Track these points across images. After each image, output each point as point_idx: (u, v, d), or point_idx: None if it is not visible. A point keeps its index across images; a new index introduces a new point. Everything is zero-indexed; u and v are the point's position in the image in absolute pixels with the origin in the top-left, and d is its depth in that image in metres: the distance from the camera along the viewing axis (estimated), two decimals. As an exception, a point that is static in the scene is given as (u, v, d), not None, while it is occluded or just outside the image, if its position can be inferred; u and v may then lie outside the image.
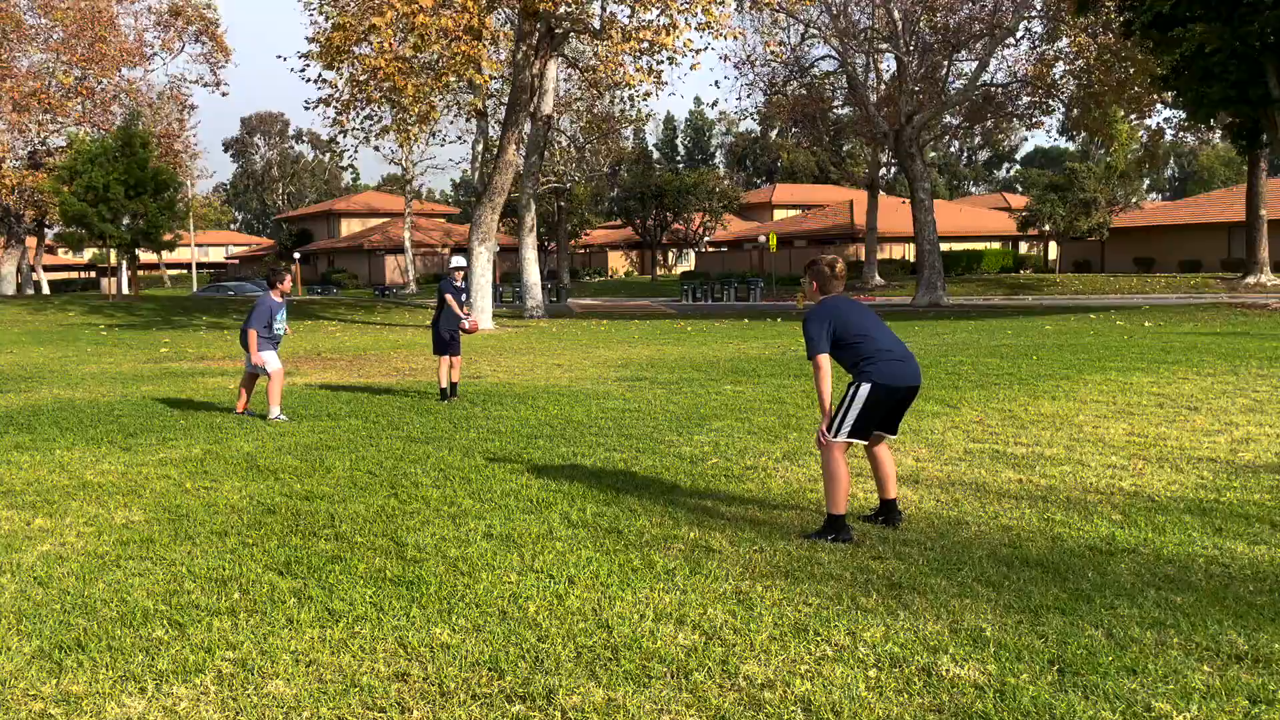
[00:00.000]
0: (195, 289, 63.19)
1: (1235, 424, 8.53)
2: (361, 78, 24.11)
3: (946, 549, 5.15)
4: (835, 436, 5.46)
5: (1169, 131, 44.07)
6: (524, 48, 25.16)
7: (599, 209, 65.98)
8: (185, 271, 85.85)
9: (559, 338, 22.54)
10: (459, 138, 62.09)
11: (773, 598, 4.45)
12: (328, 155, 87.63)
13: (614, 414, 9.96)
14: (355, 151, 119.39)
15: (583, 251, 75.90)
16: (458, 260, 11.79)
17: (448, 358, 11.37)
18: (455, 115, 36.08)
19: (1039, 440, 8.05)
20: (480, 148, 31.36)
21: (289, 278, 10.36)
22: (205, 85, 47.11)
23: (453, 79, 23.45)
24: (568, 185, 50.57)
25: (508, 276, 56.38)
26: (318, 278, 69.29)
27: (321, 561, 5.11)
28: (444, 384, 11.36)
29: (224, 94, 54.81)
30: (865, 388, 5.43)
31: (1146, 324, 21.54)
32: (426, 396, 11.69)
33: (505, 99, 29.98)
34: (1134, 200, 53.37)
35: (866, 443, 5.61)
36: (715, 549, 5.22)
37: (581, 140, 47.53)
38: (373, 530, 5.71)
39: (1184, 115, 30.69)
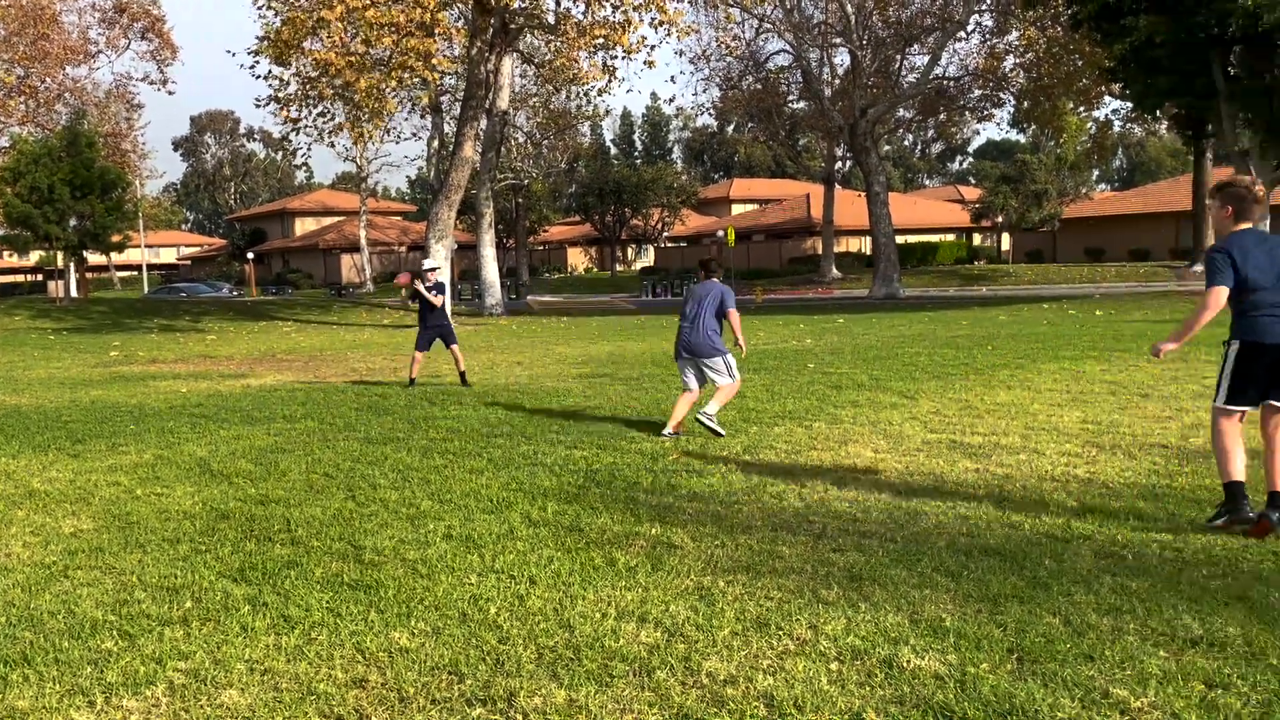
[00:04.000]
0: (146, 291, 62.08)
1: (1185, 410, 8.68)
2: (313, 74, 23.77)
3: (906, 540, 5.17)
4: (1216, 400, 5.18)
5: (1117, 123, 44.89)
6: (478, 43, 24.97)
7: (557, 205, 65.78)
8: (136, 273, 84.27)
9: (518, 335, 22.43)
10: (414, 134, 61.38)
11: (734, 593, 4.44)
12: (280, 154, 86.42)
13: (575, 411, 9.91)
14: (308, 149, 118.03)
15: (541, 248, 75.65)
16: (430, 261, 12.82)
17: (423, 354, 12.40)
18: (410, 112, 35.77)
19: (995, 430, 8.13)
20: (436, 144, 31.14)
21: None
22: (152, 83, 46.25)
23: (405, 75, 23.21)
24: (525, 182, 50.35)
25: (466, 274, 56.01)
26: (272, 278, 68.39)
27: (277, 567, 5.02)
28: (414, 375, 12.34)
29: (170, 92, 53.87)
30: (1234, 346, 5.06)
31: (1098, 313, 21.88)
32: (384, 397, 11.56)
33: (460, 95, 29.73)
34: (1084, 191, 54.28)
35: (1256, 409, 5.12)
36: (677, 545, 5.20)
37: (538, 136, 47.31)
38: (329, 534, 5.62)
39: (1131, 106, 31.25)
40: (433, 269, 12.76)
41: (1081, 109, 38.54)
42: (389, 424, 9.46)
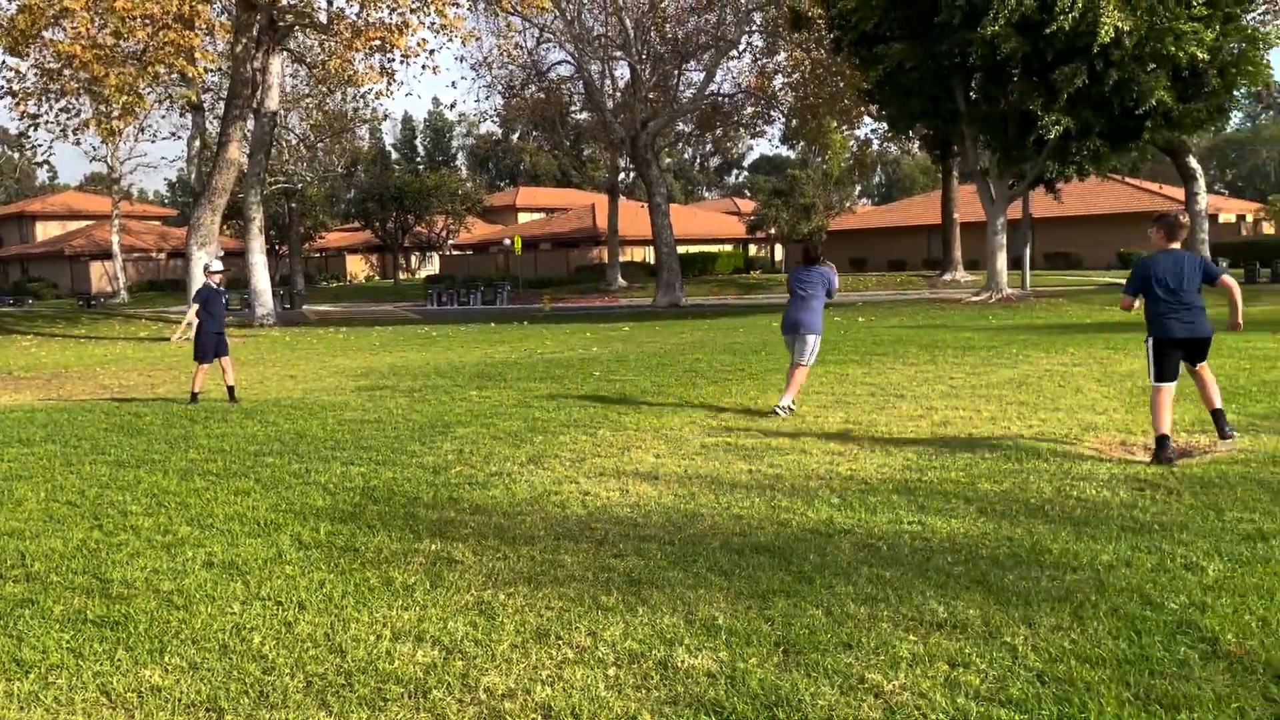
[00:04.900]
0: None
1: (935, 409, 9.40)
2: (54, 65, 21.78)
3: (683, 542, 5.31)
4: (1150, 380, 7.00)
5: (875, 142, 48.13)
6: (243, 39, 23.69)
7: (335, 211, 63.34)
8: None
9: (292, 347, 21.42)
10: (173, 134, 57.35)
11: (515, 605, 4.41)
12: (17, 152, 78.63)
13: (352, 425, 9.56)
14: (50, 147, 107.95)
15: (318, 255, 72.65)
16: (216, 264, 12.34)
17: (208, 365, 11.71)
18: (167, 109, 33.45)
19: (767, 431, 8.50)
20: (197, 145, 29.28)
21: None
22: None
23: (161, 70, 21.67)
24: (299, 186, 48.21)
25: (234, 283, 53.06)
26: (9, 287, 62.02)
27: (9, 606, 4.55)
28: (197, 389, 11.73)
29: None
30: (1150, 341, 6.94)
31: (860, 319, 23.39)
32: (139, 416, 10.72)
33: (225, 93, 28.10)
34: (847, 205, 57.85)
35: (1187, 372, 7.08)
36: (457, 560, 5.11)
37: (313, 139, 45.44)
38: (71, 567, 5.14)
39: (887, 127, 33.58)
40: (219, 271, 12.24)
41: (844, 128, 41.06)
42: (143, 445, 8.77)
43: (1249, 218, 53.47)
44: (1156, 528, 5.25)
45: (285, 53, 27.54)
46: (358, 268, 74.56)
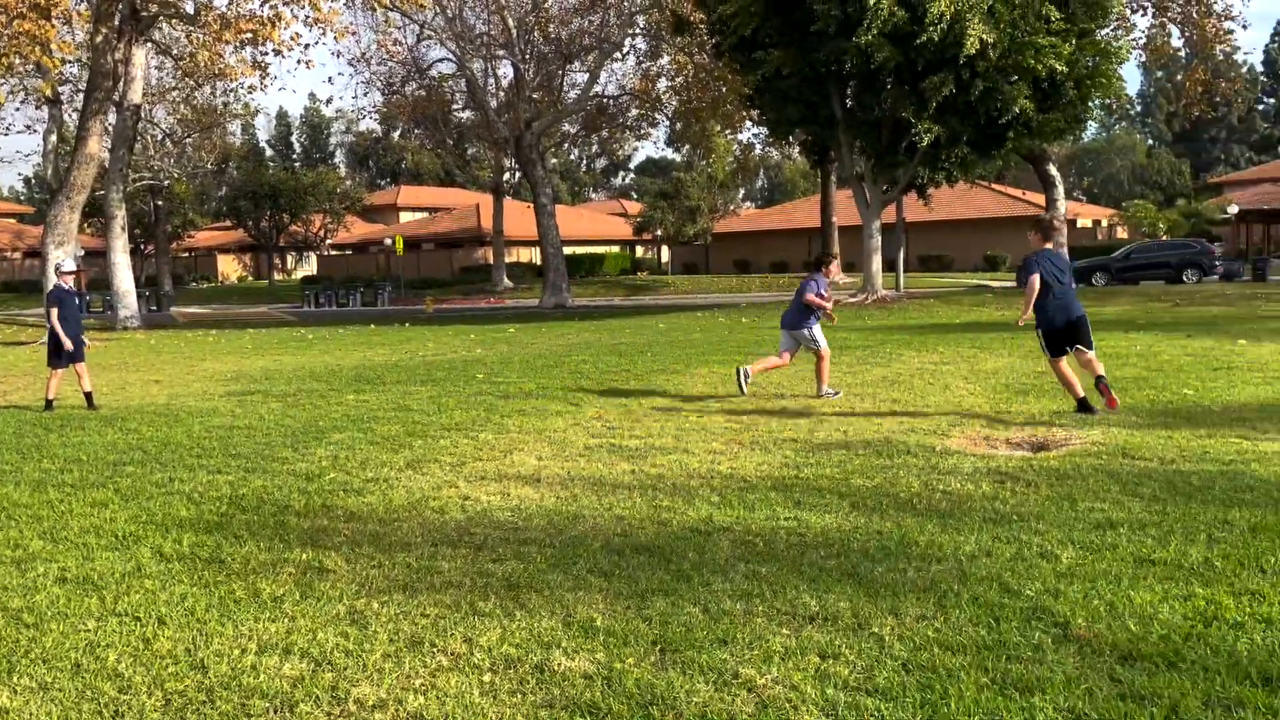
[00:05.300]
0: None
1: (813, 407, 9.62)
2: (-107, 52, 20.31)
3: (564, 544, 5.29)
4: (1048, 356, 8.52)
5: (758, 146, 49.03)
6: (104, 29, 22.55)
7: (205, 209, 60.90)
8: None
9: (158, 351, 20.51)
10: (28, 127, 54.17)
11: (389, 614, 4.32)
12: None
13: (220, 432, 9.21)
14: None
15: (187, 255, 69.82)
16: (68, 264, 11.64)
17: (63, 370, 11.12)
18: (22, 102, 31.58)
19: (651, 432, 8.55)
20: (54, 139, 27.72)
21: None
22: None
23: (15, 61, 20.43)
24: (166, 182, 46.19)
25: (96, 283, 50.53)
26: None
27: None
28: (52, 395, 11.16)
29: None
30: (1040, 331, 8.44)
31: (744, 320, 23.78)
32: (-12, 424, 10.09)
33: (84, 85, 26.70)
34: (731, 208, 58.76)
35: (1073, 354, 8.42)
36: (330, 569, 4.97)
37: (180, 134, 43.62)
38: (-94, 589, 4.79)
39: (767, 132, 34.22)
40: (72, 272, 11.53)
41: (727, 132, 41.65)
42: (-8, 456, 8.26)
43: (1104, 223, 56.58)
44: (1015, 518, 5.49)
45: (150, 44, 26.35)
46: (230, 268, 71.96)
